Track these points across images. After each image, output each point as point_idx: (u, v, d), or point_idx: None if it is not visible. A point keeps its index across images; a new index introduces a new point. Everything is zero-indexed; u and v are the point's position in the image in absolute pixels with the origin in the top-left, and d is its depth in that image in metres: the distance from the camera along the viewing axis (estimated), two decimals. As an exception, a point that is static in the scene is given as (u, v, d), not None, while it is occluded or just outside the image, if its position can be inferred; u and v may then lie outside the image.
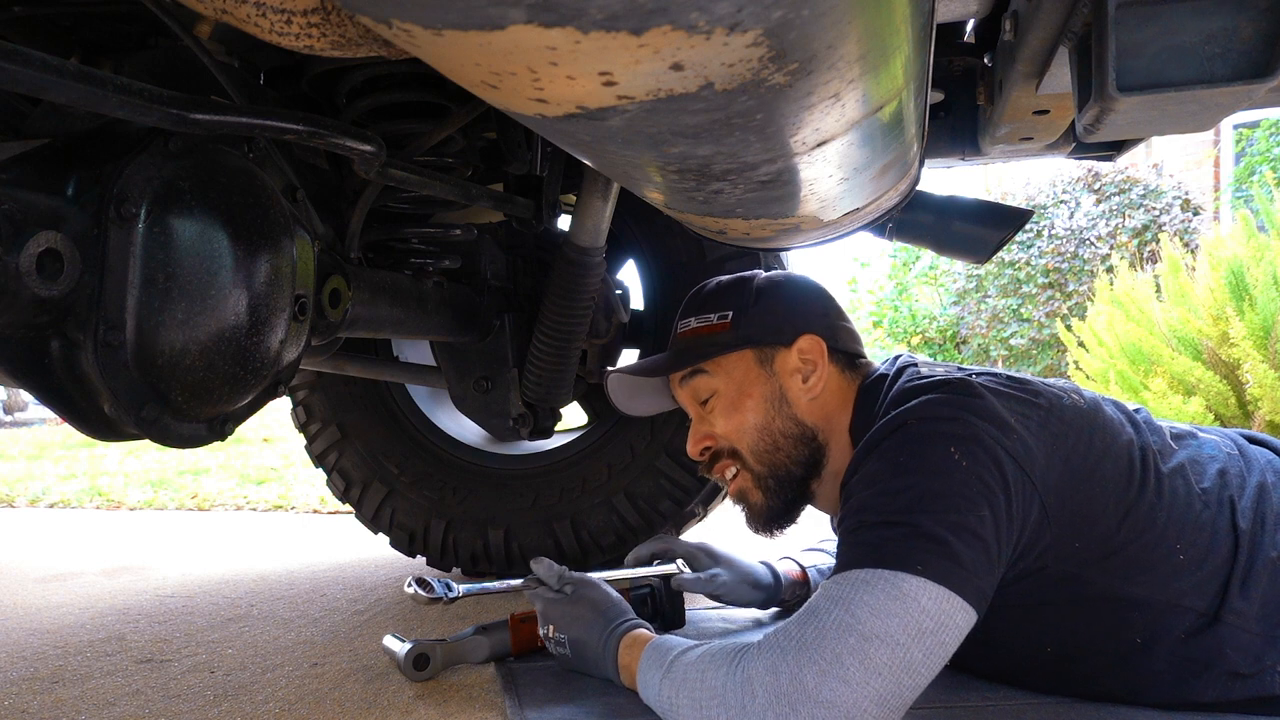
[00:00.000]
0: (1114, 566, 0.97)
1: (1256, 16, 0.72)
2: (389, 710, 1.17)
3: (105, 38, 1.03)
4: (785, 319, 1.21)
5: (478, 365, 1.71)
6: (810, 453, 1.19)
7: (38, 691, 1.31)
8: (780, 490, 1.20)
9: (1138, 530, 0.97)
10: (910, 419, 0.99)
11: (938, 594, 0.85)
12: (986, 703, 1.07)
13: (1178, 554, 0.97)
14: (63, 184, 0.86)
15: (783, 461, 1.19)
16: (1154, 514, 0.98)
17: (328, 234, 1.24)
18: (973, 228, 1.56)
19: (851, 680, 0.83)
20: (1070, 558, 0.97)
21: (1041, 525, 0.95)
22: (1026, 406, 1.00)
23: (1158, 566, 0.97)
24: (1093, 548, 0.97)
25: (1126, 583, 0.97)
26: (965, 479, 0.91)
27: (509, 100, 0.53)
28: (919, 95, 0.84)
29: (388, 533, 2.00)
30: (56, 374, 0.88)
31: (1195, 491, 1.01)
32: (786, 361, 1.19)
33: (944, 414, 0.97)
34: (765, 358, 1.20)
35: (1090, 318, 3.54)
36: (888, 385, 1.13)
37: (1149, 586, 0.97)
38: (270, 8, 0.69)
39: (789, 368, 1.19)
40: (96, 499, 3.71)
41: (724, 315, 1.21)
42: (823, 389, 1.19)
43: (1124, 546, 0.97)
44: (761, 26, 0.44)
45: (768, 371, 1.20)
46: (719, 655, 0.94)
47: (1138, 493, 0.98)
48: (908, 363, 1.18)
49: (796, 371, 1.19)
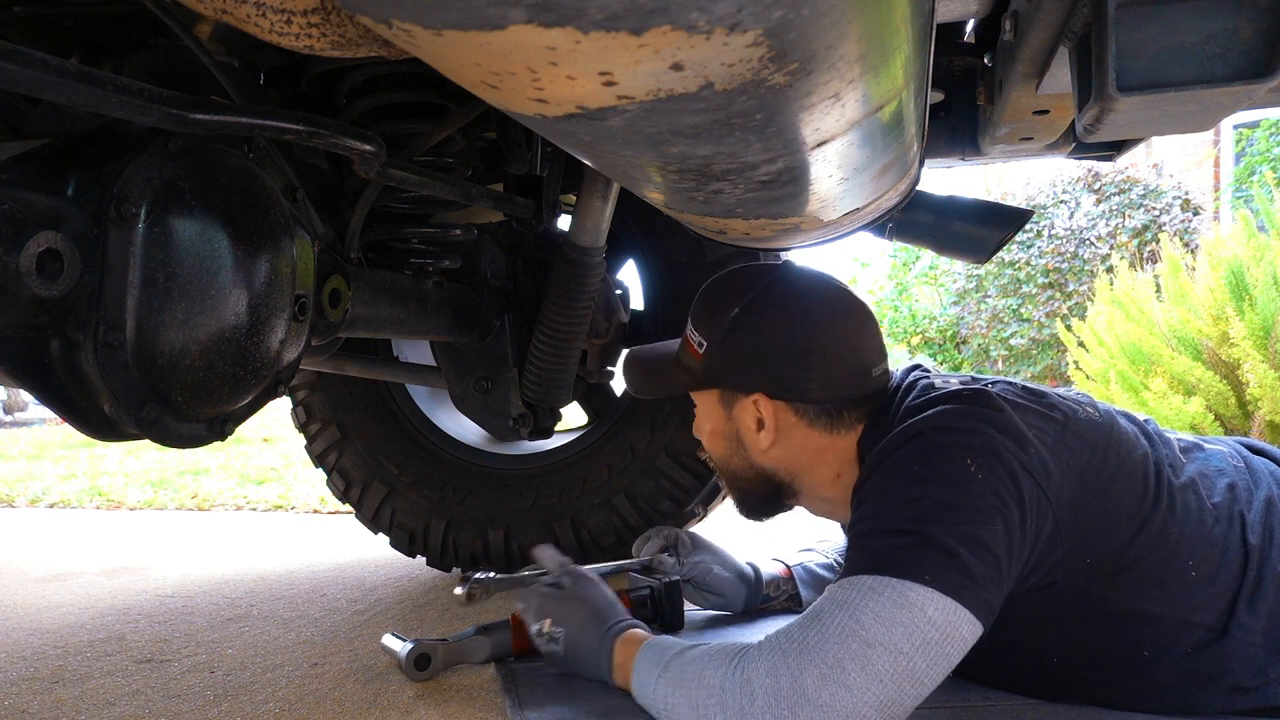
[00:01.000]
0: (1125, 582, 0.97)
1: (1256, 16, 0.72)
2: (389, 710, 1.17)
3: (105, 38, 1.03)
4: (745, 367, 1.13)
5: (478, 365, 1.71)
6: (770, 489, 1.19)
7: (38, 691, 1.31)
8: (748, 501, 1.23)
9: (1150, 546, 0.96)
10: (927, 428, 0.97)
11: (945, 605, 0.85)
12: (987, 703, 1.07)
13: (1189, 570, 0.96)
14: (63, 184, 0.86)
15: (742, 488, 1.22)
16: (1167, 530, 0.97)
17: (328, 234, 1.24)
18: (973, 228, 1.56)
19: (852, 686, 0.83)
20: (1081, 573, 0.96)
21: (1054, 541, 0.94)
22: (1043, 420, 0.99)
23: (1169, 583, 0.96)
24: (1104, 564, 0.96)
25: (1137, 598, 0.97)
26: (980, 491, 0.90)
27: (509, 100, 0.53)
28: (919, 95, 0.84)
29: (388, 533, 2.00)
30: (56, 374, 0.88)
31: (1206, 507, 1.00)
32: (744, 410, 1.14)
33: (962, 425, 0.96)
34: (727, 400, 1.17)
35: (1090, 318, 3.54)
36: (900, 395, 1.10)
37: (1160, 603, 0.96)
38: (270, 8, 0.69)
39: (745, 418, 1.15)
40: (96, 499, 3.71)
41: (700, 342, 1.16)
42: (781, 443, 1.14)
43: (1136, 562, 0.96)
44: (761, 26, 0.44)
45: (727, 413, 1.17)
46: (717, 655, 0.94)
47: (1151, 508, 0.97)
48: (920, 375, 1.14)
49: (753, 422, 1.14)
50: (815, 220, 1.00)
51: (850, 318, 1.14)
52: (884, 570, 0.88)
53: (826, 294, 1.14)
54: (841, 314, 1.13)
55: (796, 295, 1.13)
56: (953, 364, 7.93)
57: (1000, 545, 0.89)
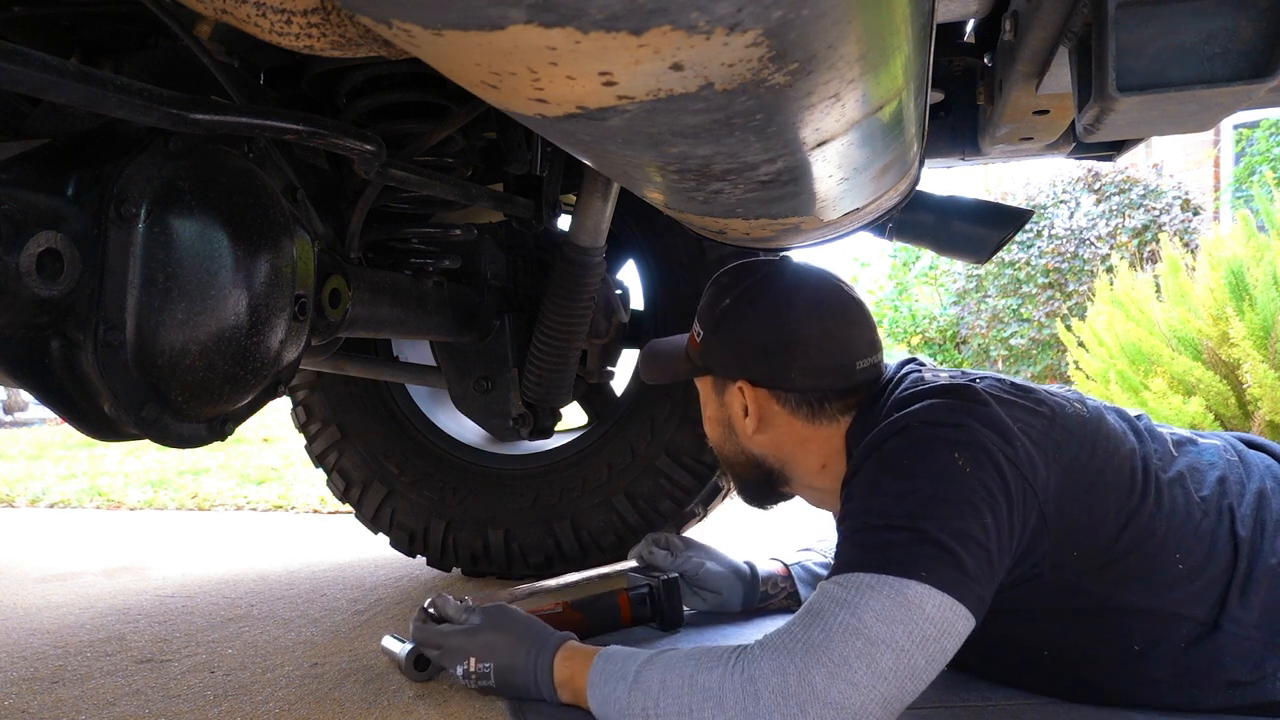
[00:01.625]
0: (1112, 576, 0.97)
1: (1256, 16, 0.72)
2: (389, 710, 1.17)
3: (105, 38, 1.03)
4: (733, 356, 1.18)
5: (478, 365, 1.71)
6: (762, 474, 1.23)
7: (38, 691, 1.31)
8: (744, 487, 1.28)
9: (1137, 540, 0.97)
10: (914, 422, 0.98)
11: (941, 601, 0.86)
12: (987, 703, 1.07)
13: (1177, 564, 0.97)
14: (63, 184, 0.86)
15: (738, 473, 1.26)
16: (1153, 524, 0.98)
17: (328, 234, 1.24)
18: (973, 228, 1.56)
19: (859, 684, 0.83)
20: (1067, 566, 0.97)
21: (1040, 533, 0.95)
22: (1029, 415, 1.00)
23: (1156, 576, 0.97)
24: (1091, 557, 0.97)
25: (1124, 592, 0.97)
26: (969, 485, 0.91)
27: (509, 100, 0.53)
28: (919, 95, 0.84)
29: (388, 533, 2.00)
30: (56, 374, 0.88)
31: (1195, 500, 1.01)
32: (732, 397, 1.20)
33: (948, 419, 0.97)
34: (719, 387, 1.22)
35: (1090, 318, 3.54)
36: (890, 388, 1.12)
37: (1147, 596, 0.97)
38: (270, 8, 0.69)
39: (734, 405, 1.20)
40: (96, 499, 3.71)
41: (699, 332, 1.22)
42: (766, 430, 1.18)
43: (1123, 556, 0.97)
44: (761, 26, 0.44)
45: (720, 400, 1.23)
46: (708, 657, 0.93)
47: (1139, 502, 0.98)
48: (913, 369, 1.16)
49: (740, 409, 1.19)
50: (815, 220, 1.00)
51: (837, 310, 1.16)
52: (880, 567, 0.88)
53: (816, 287, 1.17)
54: (828, 307, 1.15)
55: (785, 288, 1.16)
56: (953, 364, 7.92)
57: (990, 539, 0.90)
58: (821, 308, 1.15)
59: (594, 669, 1.01)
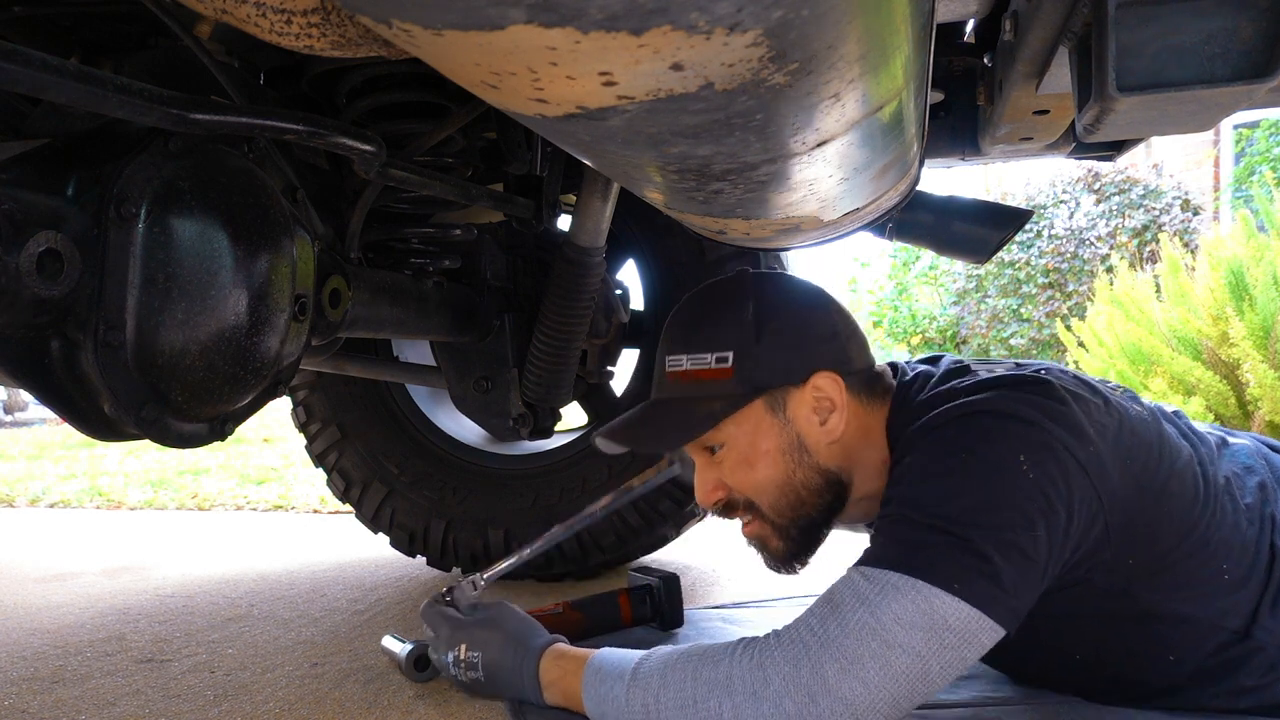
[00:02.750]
0: (1163, 584, 0.94)
1: (1256, 16, 0.72)
2: (389, 710, 1.17)
3: (105, 38, 1.03)
4: (794, 354, 1.04)
5: (478, 365, 1.71)
6: (835, 497, 1.07)
7: (38, 691, 1.31)
8: (803, 536, 1.08)
9: (1193, 549, 0.94)
10: (983, 409, 0.92)
11: (968, 615, 0.83)
12: (987, 702, 1.07)
13: (1224, 574, 0.95)
14: (63, 184, 0.86)
15: (807, 513, 1.06)
16: (1208, 533, 0.95)
17: (328, 234, 1.24)
18: (973, 228, 1.56)
19: (870, 682, 0.83)
20: (1122, 572, 0.93)
21: (1101, 542, 0.91)
22: (1103, 416, 0.94)
23: (1204, 585, 0.95)
24: (1147, 564, 0.94)
25: (1172, 600, 0.94)
26: (1029, 492, 0.86)
27: (509, 100, 0.53)
28: (919, 95, 0.84)
29: (388, 533, 2.00)
30: (56, 374, 0.88)
31: (1240, 508, 0.98)
32: (801, 404, 1.03)
33: (1020, 414, 0.90)
34: (777, 404, 1.04)
35: (1090, 318, 3.54)
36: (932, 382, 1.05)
37: (1195, 604, 0.94)
38: (270, 8, 0.69)
39: (804, 412, 1.04)
40: (96, 499, 3.71)
41: (723, 357, 1.04)
42: (845, 427, 1.04)
43: (1177, 564, 0.94)
44: (761, 26, 0.44)
45: (781, 420, 1.04)
46: (711, 653, 0.92)
47: (1199, 513, 0.95)
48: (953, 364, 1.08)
49: (813, 414, 1.04)
50: (815, 220, 1.00)
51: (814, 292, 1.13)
52: (911, 570, 0.85)
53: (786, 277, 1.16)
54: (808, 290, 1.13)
55: (779, 281, 1.12)
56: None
57: (1039, 551, 0.85)
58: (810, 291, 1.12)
59: (588, 669, 0.99)
